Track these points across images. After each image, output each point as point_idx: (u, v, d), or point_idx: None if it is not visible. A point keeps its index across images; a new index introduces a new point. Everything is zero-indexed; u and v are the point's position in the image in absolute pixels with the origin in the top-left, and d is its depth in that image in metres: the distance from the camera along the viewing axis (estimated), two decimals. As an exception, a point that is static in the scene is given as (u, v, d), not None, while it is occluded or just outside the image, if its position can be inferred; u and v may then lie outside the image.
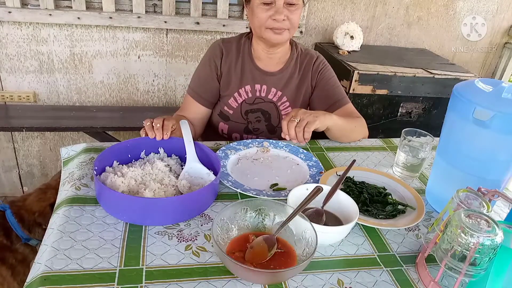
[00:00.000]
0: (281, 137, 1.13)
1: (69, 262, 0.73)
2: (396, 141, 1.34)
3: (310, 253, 0.71)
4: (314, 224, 0.76)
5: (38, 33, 2.06)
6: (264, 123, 1.40)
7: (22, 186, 2.46)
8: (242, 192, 0.96)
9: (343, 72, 1.98)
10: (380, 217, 0.93)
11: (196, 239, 0.82)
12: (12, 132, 2.24)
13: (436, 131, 1.06)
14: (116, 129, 2.12)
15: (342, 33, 2.25)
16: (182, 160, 1.06)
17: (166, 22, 2.12)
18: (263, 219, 0.82)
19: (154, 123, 1.05)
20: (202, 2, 2.15)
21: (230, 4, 2.18)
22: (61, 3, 2.06)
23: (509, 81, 2.76)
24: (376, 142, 1.34)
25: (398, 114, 2.08)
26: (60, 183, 1.00)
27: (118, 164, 1.01)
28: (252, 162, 1.14)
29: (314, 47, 2.41)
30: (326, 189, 0.92)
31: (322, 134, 1.24)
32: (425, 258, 0.80)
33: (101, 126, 2.04)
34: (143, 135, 1.06)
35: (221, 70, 1.34)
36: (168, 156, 1.07)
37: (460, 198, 0.77)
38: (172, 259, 0.76)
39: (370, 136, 1.37)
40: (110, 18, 2.06)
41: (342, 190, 0.94)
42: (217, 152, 1.12)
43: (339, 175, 1.03)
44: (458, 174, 0.94)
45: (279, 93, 1.36)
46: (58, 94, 2.23)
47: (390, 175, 1.11)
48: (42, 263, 0.73)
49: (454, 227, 0.70)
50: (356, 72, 1.93)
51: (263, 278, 0.72)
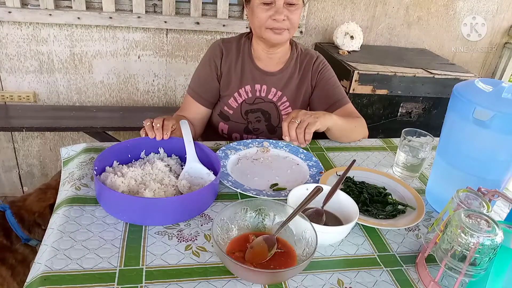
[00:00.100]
0: (281, 137, 1.13)
1: (69, 262, 0.73)
2: (396, 141, 1.34)
3: (310, 253, 0.71)
4: (314, 224, 0.76)
5: (38, 33, 2.06)
6: (264, 123, 1.40)
7: (22, 186, 2.46)
8: (242, 192, 0.96)
9: (343, 72, 1.98)
10: (380, 217, 0.93)
11: (196, 239, 0.82)
12: (12, 132, 2.24)
13: (436, 131, 1.06)
14: (116, 129, 2.12)
15: (342, 33, 2.25)
16: (182, 160, 1.06)
17: (166, 22, 2.12)
18: (263, 219, 0.82)
19: (154, 123, 1.05)
20: (202, 2, 2.15)
21: (230, 4, 2.18)
22: (61, 3, 2.06)
23: (509, 81, 2.76)
24: (376, 142, 1.34)
25: (398, 114, 2.08)
26: (60, 183, 1.00)
27: (118, 164, 1.01)
28: (252, 162, 1.14)
29: (314, 47, 2.40)
30: (326, 189, 0.92)
31: (322, 134, 1.24)
32: (425, 258, 0.80)
33: (101, 126, 2.04)
34: (143, 135, 1.06)
35: (221, 70, 1.34)
36: (168, 156, 1.07)
37: (460, 198, 0.77)
38: (172, 259, 0.76)
39: (370, 136, 1.37)
40: (110, 18, 2.06)
41: (342, 190, 0.94)
42: (217, 152, 1.12)
43: (339, 175, 1.03)
44: (458, 174, 0.94)
45: (279, 93, 1.36)
46: (58, 94, 2.23)
47: (390, 175, 1.11)
48: (42, 263, 0.73)
49: (454, 227, 0.70)
50: (356, 72, 1.93)
51: (263, 278, 0.72)
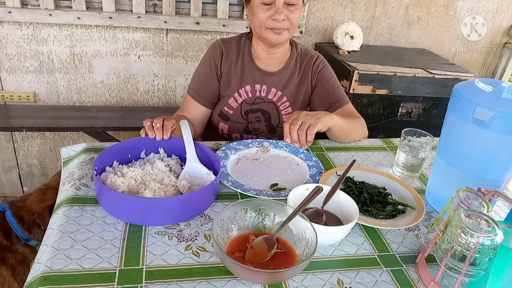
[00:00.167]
0: (281, 137, 1.12)
1: (69, 262, 0.73)
2: (396, 141, 1.34)
3: (310, 253, 0.71)
4: (314, 224, 0.76)
5: (38, 33, 2.06)
6: (264, 123, 1.40)
7: (22, 186, 2.46)
8: (242, 192, 0.96)
9: (343, 72, 1.98)
10: (380, 217, 0.93)
11: (196, 239, 0.82)
12: (12, 132, 2.24)
13: (436, 131, 1.06)
14: (116, 129, 2.12)
15: (342, 33, 2.25)
16: (182, 160, 1.06)
17: (166, 22, 2.12)
18: (263, 219, 0.82)
19: (154, 123, 1.05)
20: (202, 2, 2.15)
21: (230, 4, 2.18)
22: (61, 3, 2.06)
23: (509, 81, 2.76)
24: (376, 142, 1.34)
25: (398, 114, 2.08)
26: (60, 183, 1.00)
27: (118, 164, 1.01)
28: (252, 162, 1.14)
29: (314, 47, 2.40)
30: (326, 189, 0.92)
31: (322, 134, 1.24)
32: (425, 258, 0.80)
33: (101, 126, 2.04)
34: (143, 135, 1.06)
35: (221, 70, 1.34)
36: (168, 156, 1.07)
37: (460, 198, 0.77)
38: (172, 259, 0.76)
39: (370, 136, 1.37)
40: (110, 18, 2.06)
41: (342, 190, 0.94)
42: (217, 152, 1.12)
43: (339, 175, 1.03)
44: (458, 174, 0.94)
45: (279, 93, 1.36)
46: (58, 94, 2.23)
47: (390, 175, 1.11)
48: (42, 263, 0.73)
49: (454, 227, 0.70)
50: (356, 72, 1.93)
51: (263, 278, 0.72)
